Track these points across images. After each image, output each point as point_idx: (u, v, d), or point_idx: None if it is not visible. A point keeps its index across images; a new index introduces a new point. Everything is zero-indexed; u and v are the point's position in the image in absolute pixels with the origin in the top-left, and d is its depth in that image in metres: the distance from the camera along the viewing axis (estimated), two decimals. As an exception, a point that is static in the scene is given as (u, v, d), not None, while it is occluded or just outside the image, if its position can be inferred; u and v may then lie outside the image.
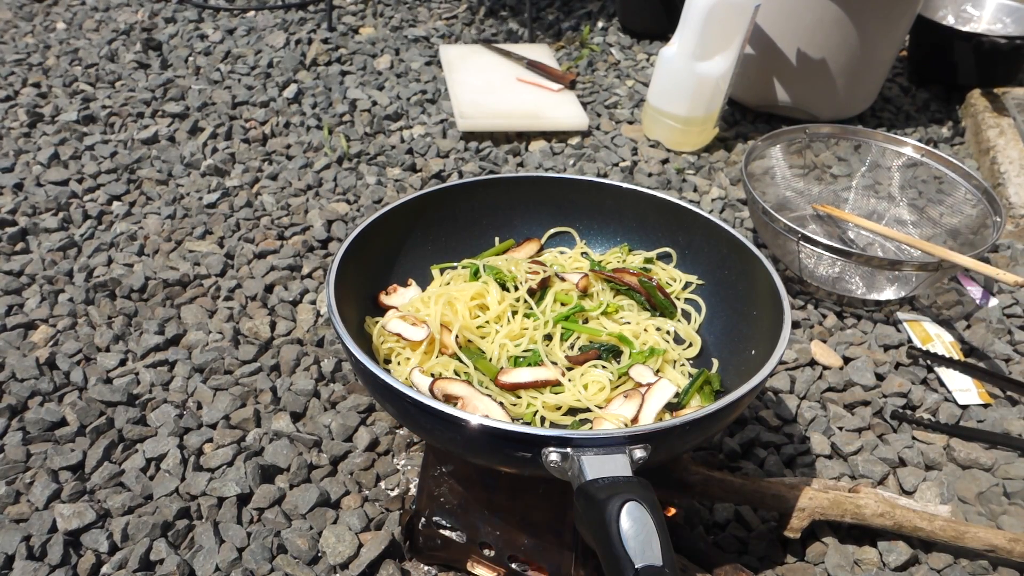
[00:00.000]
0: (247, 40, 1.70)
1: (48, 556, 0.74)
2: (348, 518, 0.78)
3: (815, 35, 1.37)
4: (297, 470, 0.82)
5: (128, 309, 1.02)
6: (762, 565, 0.76)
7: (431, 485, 0.71)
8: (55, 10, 1.82)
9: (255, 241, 1.15)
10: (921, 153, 1.16)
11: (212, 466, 0.82)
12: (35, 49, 1.64)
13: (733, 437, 0.88)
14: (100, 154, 1.32)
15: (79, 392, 0.90)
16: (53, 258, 1.10)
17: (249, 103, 1.47)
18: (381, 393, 0.60)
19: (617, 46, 1.75)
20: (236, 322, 1.01)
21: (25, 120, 1.39)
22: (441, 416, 0.55)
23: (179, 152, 1.33)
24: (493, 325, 0.73)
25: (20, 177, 1.25)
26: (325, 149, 1.35)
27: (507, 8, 1.90)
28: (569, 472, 0.53)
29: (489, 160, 1.35)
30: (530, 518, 0.67)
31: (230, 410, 0.88)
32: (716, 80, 1.32)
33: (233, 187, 1.26)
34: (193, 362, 0.94)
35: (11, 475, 0.81)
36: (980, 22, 1.66)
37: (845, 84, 1.42)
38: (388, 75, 1.59)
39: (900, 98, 1.61)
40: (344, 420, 0.87)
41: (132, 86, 1.52)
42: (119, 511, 0.78)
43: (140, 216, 1.19)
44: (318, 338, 0.99)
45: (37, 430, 0.85)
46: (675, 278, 0.80)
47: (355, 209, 1.22)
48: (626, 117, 1.49)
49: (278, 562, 0.74)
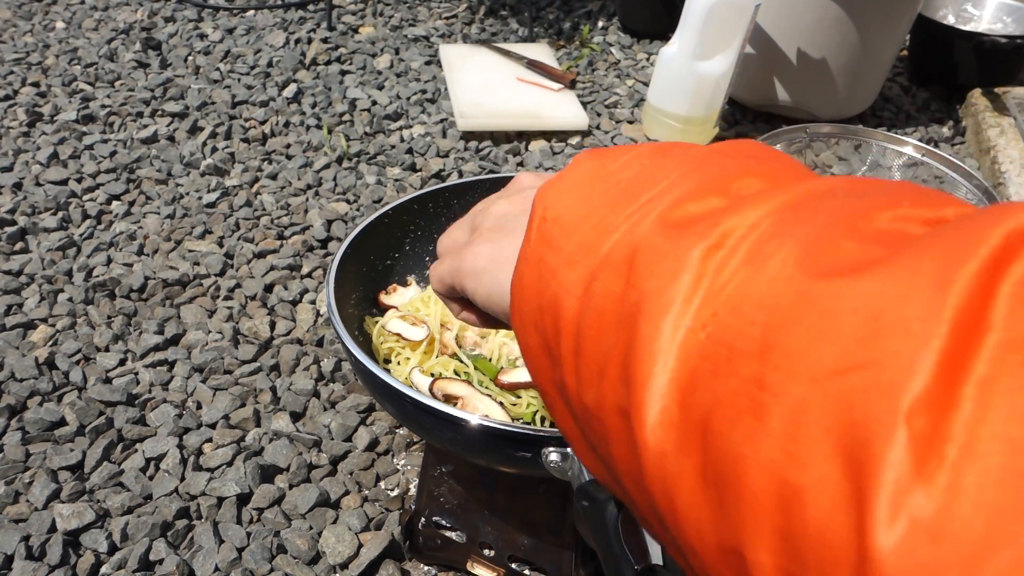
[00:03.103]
0: (247, 39, 1.70)
1: (47, 556, 0.73)
2: (348, 518, 0.78)
3: (815, 35, 1.37)
4: (297, 470, 0.82)
5: (127, 309, 1.02)
6: (762, 565, 0.75)
7: (431, 485, 0.71)
8: (54, 9, 1.81)
9: (255, 241, 1.15)
10: (922, 153, 1.16)
11: (212, 466, 0.82)
12: (34, 48, 1.64)
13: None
14: (99, 153, 1.31)
15: (78, 392, 0.90)
16: (52, 258, 1.10)
17: (249, 102, 1.47)
18: (381, 393, 0.60)
19: (617, 46, 1.74)
20: (236, 322, 1.01)
21: (24, 119, 1.39)
22: (441, 416, 0.55)
23: (179, 151, 1.33)
24: (493, 325, 0.72)
25: (19, 176, 1.25)
26: (325, 149, 1.35)
27: (507, 7, 1.90)
28: (569, 472, 0.53)
29: (489, 160, 1.35)
30: (530, 518, 0.67)
31: (230, 410, 0.88)
32: (716, 80, 1.32)
33: (233, 187, 1.26)
34: (193, 362, 0.94)
35: (10, 475, 0.80)
36: (980, 22, 1.65)
37: (845, 84, 1.42)
38: (388, 74, 1.59)
39: (900, 98, 1.61)
40: (344, 420, 0.87)
41: (131, 85, 1.52)
42: (118, 511, 0.78)
43: (139, 216, 1.19)
44: (318, 338, 0.99)
45: (36, 430, 0.85)
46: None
47: (355, 209, 1.22)
48: (626, 117, 1.49)
49: (278, 562, 0.74)
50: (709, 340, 0.21)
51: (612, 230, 0.26)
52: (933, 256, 0.17)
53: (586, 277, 0.26)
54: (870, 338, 0.17)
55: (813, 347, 0.18)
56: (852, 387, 0.17)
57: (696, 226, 0.23)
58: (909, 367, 0.16)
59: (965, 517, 0.15)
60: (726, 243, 0.22)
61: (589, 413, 0.25)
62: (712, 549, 0.20)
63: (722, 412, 0.20)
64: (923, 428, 0.15)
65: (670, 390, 0.21)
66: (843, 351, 0.17)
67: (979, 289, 0.16)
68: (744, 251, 0.21)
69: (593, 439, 0.26)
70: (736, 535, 0.19)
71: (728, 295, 0.21)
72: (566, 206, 0.28)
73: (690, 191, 0.25)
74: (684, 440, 0.21)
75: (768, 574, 0.18)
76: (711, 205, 0.24)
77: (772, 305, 0.19)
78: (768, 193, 0.23)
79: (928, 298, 0.17)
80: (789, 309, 0.19)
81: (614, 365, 0.24)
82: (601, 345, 0.24)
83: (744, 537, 0.19)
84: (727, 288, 0.21)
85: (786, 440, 0.18)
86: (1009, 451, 0.14)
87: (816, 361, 0.18)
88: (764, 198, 0.23)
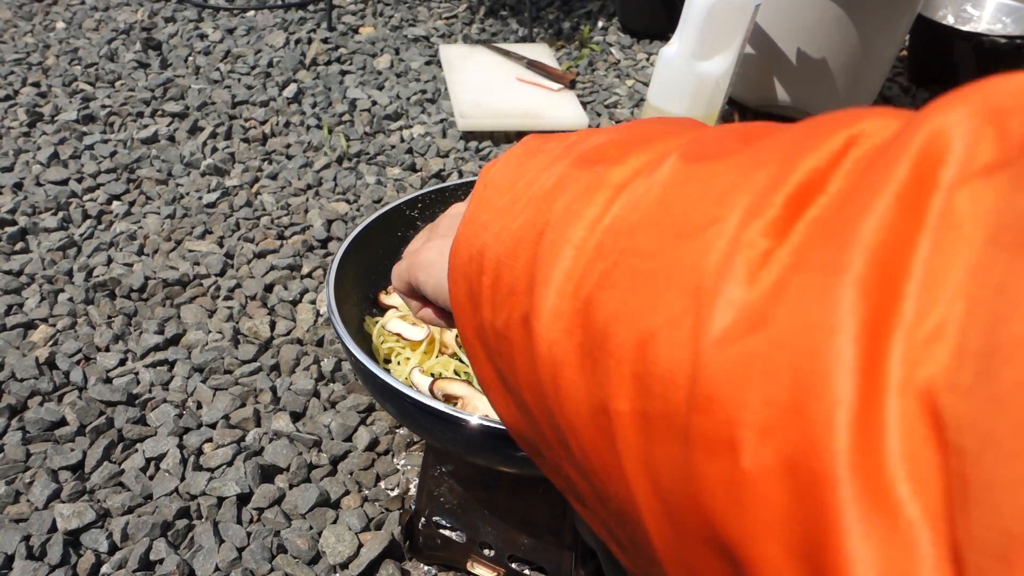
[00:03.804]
0: (247, 40, 1.70)
1: (48, 556, 0.74)
2: (348, 518, 0.78)
3: (815, 35, 1.37)
4: (297, 470, 0.82)
5: (128, 309, 1.02)
6: (762, 565, 0.75)
7: (431, 485, 0.71)
8: (55, 9, 1.81)
9: (255, 241, 1.15)
10: (921, 153, 1.16)
11: (212, 466, 0.82)
12: (34, 48, 1.64)
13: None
14: (100, 154, 1.32)
15: (79, 392, 0.90)
16: (53, 258, 1.10)
17: (249, 102, 1.47)
18: (381, 393, 0.60)
19: (617, 46, 1.75)
20: (236, 322, 1.01)
21: (24, 119, 1.39)
22: (441, 416, 0.55)
23: (179, 152, 1.33)
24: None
25: (20, 176, 1.25)
26: (325, 149, 1.35)
27: (507, 7, 1.90)
28: (569, 472, 0.53)
29: (489, 159, 1.35)
30: (530, 518, 0.67)
31: (230, 410, 0.88)
32: (716, 80, 1.32)
33: (233, 187, 1.26)
34: (193, 362, 0.94)
35: (11, 475, 0.80)
36: (980, 22, 1.65)
37: (845, 84, 1.42)
38: (388, 75, 1.59)
39: (900, 98, 1.61)
40: (344, 420, 0.87)
41: (132, 85, 1.52)
42: (119, 511, 0.78)
43: (140, 216, 1.19)
44: (318, 338, 0.99)
45: (37, 430, 0.85)
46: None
47: (355, 209, 1.22)
48: (626, 117, 1.49)
49: (278, 562, 0.74)
50: (604, 233, 0.23)
51: (539, 180, 0.28)
52: (781, 146, 0.20)
53: (511, 221, 0.28)
54: (718, 203, 0.20)
55: (677, 214, 0.21)
56: (701, 246, 0.19)
57: (608, 158, 0.26)
58: (754, 213, 0.19)
59: (777, 309, 0.17)
60: (635, 170, 0.24)
61: (500, 337, 0.27)
62: (586, 419, 0.22)
63: (604, 287, 0.22)
64: (756, 254, 0.18)
65: (563, 284, 0.23)
66: (700, 215, 0.20)
67: (819, 171, 0.18)
68: (647, 169, 0.24)
69: (502, 364, 0.28)
70: (603, 391, 0.21)
71: (625, 199, 0.23)
72: (502, 174, 0.30)
73: (612, 140, 0.27)
74: (570, 322, 0.23)
75: (626, 420, 0.20)
76: (627, 150, 0.26)
77: (655, 195, 0.22)
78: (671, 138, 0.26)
79: (773, 173, 0.19)
80: (667, 186, 0.22)
81: (523, 279, 0.26)
82: (514, 268, 0.27)
83: (609, 391, 0.21)
84: (626, 196, 0.23)
85: (648, 296, 0.20)
86: (824, 274, 0.16)
87: (682, 223, 0.20)
88: (668, 140, 0.26)
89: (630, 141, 0.27)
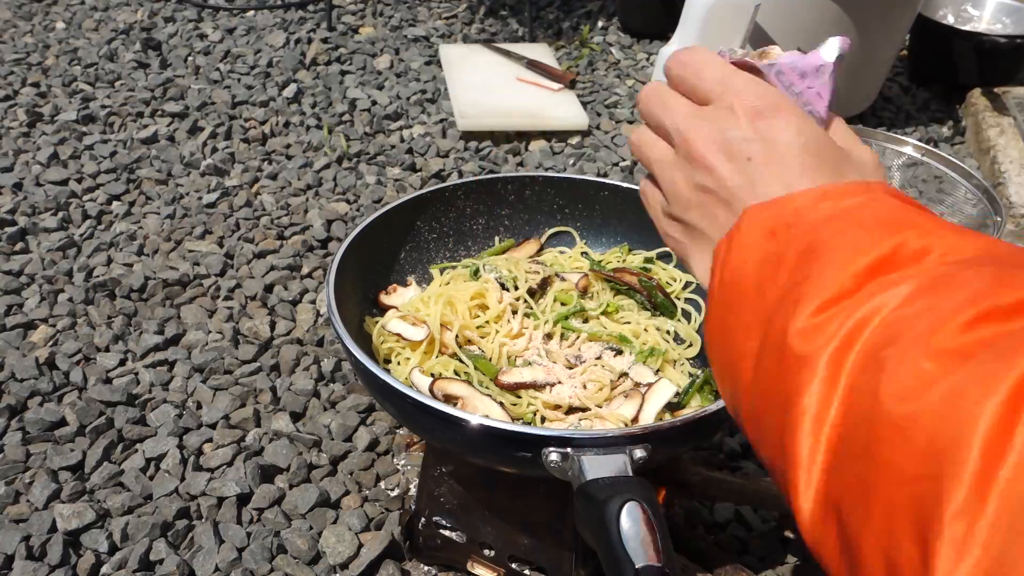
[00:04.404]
0: (247, 40, 1.70)
1: (48, 556, 0.74)
2: (348, 518, 0.78)
3: (815, 35, 1.37)
4: (297, 470, 0.82)
5: (128, 309, 1.02)
6: (762, 565, 0.75)
7: (431, 485, 0.71)
8: (54, 9, 1.81)
9: (255, 241, 1.15)
10: (921, 152, 1.16)
11: (212, 466, 0.82)
12: (34, 48, 1.64)
13: (733, 437, 0.88)
14: (99, 154, 1.32)
15: (79, 392, 0.90)
16: (52, 258, 1.10)
17: (249, 103, 1.47)
18: (381, 393, 0.60)
19: (617, 45, 1.75)
20: (236, 322, 1.01)
21: (24, 120, 1.39)
22: (441, 416, 0.55)
23: (179, 152, 1.33)
24: (493, 325, 0.73)
25: (19, 177, 1.25)
26: (325, 149, 1.35)
27: (507, 7, 1.90)
28: (569, 472, 0.53)
29: (489, 160, 1.35)
30: (530, 518, 0.67)
31: (230, 410, 0.88)
32: (716, 80, 1.31)
33: (233, 187, 1.26)
34: (193, 362, 0.94)
35: (11, 475, 0.80)
36: (980, 22, 1.65)
37: (845, 84, 1.42)
38: (388, 75, 1.59)
39: (900, 97, 1.61)
40: (344, 420, 0.87)
41: (131, 86, 1.52)
42: (119, 511, 0.78)
43: (140, 216, 1.19)
44: (318, 338, 0.99)
45: (37, 430, 0.85)
46: (675, 278, 0.79)
47: (355, 209, 1.22)
48: (626, 116, 1.49)
49: (278, 562, 0.74)
50: (839, 439, 0.29)
51: (772, 309, 0.34)
52: (975, 383, 0.25)
53: (757, 350, 0.35)
54: (931, 455, 0.25)
55: (896, 458, 0.27)
56: (922, 493, 0.25)
57: (827, 326, 0.31)
58: (952, 484, 0.24)
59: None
60: (854, 344, 0.30)
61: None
62: None
63: (846, 503, 0.28)
64: (959, 531, 0.24)
65: (818, 476, 0.30)
66: (916, 464, 0.26)
67: (1004, 417, 0.24)
68: (862, 355, 0.30)
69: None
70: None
71: (848, 405, 0.29)
72: (739, 270, 0.37)
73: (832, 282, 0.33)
74: (826, 515, 0.30)
75: None
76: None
77: (871, 422, 0.28)
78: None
79: (966, 424, 0.25)
80: (881, 425, 0.27)
81: (775, 433, 0.33)
82: (768, 419, 0.34)
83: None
84: (850, 396, 0.29)
85: (885, 530, 0.27)
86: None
87: (899, 470, 0.26)
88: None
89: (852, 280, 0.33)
